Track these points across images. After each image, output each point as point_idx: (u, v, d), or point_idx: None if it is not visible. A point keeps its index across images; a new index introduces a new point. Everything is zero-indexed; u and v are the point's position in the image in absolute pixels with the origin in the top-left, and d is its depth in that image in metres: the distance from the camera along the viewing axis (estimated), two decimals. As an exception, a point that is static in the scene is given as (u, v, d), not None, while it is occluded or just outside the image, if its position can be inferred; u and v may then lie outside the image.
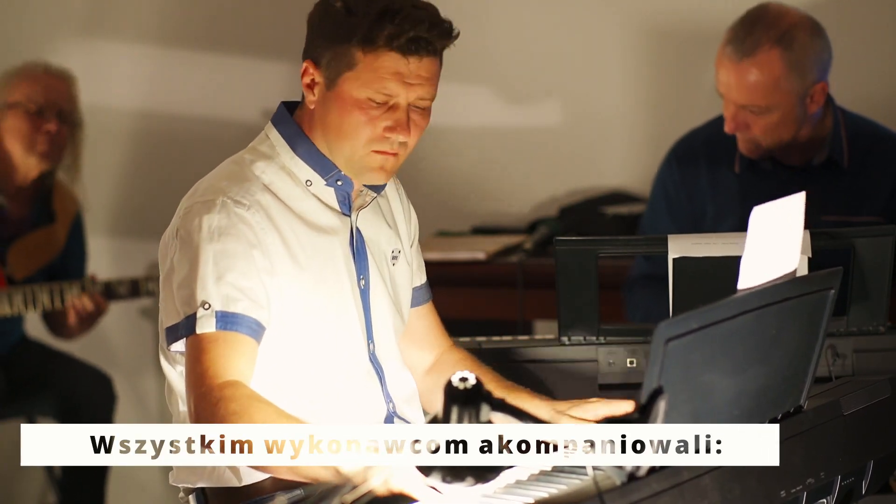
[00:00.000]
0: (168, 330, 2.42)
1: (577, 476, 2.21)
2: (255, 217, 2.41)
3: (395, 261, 2.61)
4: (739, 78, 3.36)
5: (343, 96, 2.41)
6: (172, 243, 2.44)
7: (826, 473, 2.28)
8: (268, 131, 2.53)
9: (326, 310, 2.47)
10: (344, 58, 2.39)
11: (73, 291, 4.26)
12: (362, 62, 2.39)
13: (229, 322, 2.34)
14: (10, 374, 4.33)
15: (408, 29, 2.36)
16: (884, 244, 2.87)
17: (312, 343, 2.45)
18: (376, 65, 2.38)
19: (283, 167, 2.48)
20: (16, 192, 4.36)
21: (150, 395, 5.06)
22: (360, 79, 2.39)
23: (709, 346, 2.03)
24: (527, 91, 4.66)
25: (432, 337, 2.73)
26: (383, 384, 2.55)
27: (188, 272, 2.37)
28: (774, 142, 3.42)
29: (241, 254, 2.37)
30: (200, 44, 4.95)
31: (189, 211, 2.42)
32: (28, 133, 4.29)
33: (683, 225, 3.58)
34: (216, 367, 2.31)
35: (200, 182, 2.49)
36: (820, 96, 3.41)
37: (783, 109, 3.38)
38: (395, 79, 2.39)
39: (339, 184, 2.49)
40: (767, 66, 3.35)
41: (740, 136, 3.44)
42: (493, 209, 4.65)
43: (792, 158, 3.51)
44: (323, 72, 2.42)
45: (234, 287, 2.35)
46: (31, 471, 5.01)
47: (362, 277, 2.52)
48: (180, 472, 2.51)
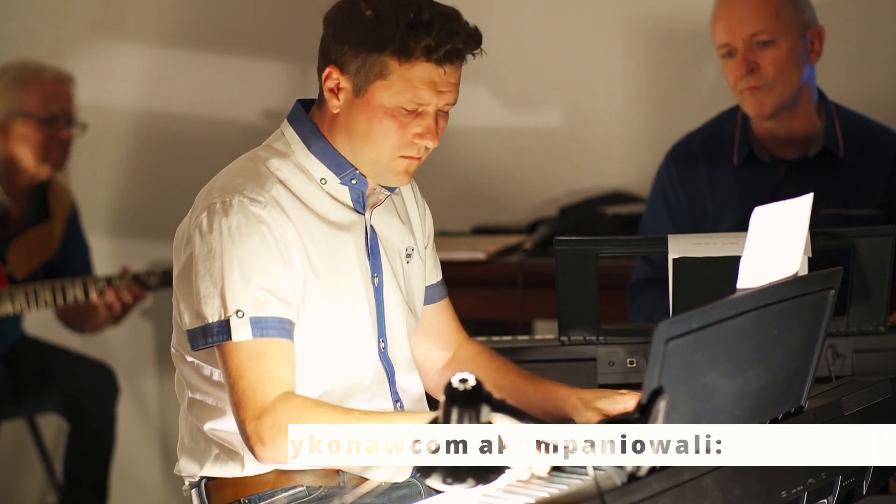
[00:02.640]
0: (193, 333, 2.41)
1: (577, 476, 2.21)
2: (272, 214, 2.41)
3: (409, 259, 2.62)
4: (742, 10, 3.44)
5: (373, 104, 2.41)
6: (190, 243, 2.43)
7: (826, 474, 2.28)
8: (283, 129, 2.53)
9: (340, 306, 2.47)
10: (375, 66, 2.40)
11: (77, 288, 4.26)
12: (396, 72, 2.39)
13: (264, 327, 2.36)
14: (11, 374, 4.33)
15: (445, 41, 2.38)
16: (884, 244, 2.87)
17: (324, 339, 2.45)
18: (410, 75, 2.39)
19: (298, 165, 2.49)
20: (17, 195, 4.37)
21: (151, 394, 5.06)
22: (392, 87, 2.40)
23: (709, 346, 2.03)
24: (527, 91, 4.66)
25: (448, 333, 2.73)
26: (392, 383, 2.55)
27: (214, 277, 2.37)
28: (786, 85, 3.44)
29: (263, 253, 2.38)
30: (201, 44, 4.95)
31: (206, 212, 2.42)
32: (42, 142, 4.31)
33: (683, 227, 3.58)
34: (263, 385, 2.34)
35: (215, 179, 2.49)
36: (818, 44, 3.48)
37: (788, 42, 3.44)
38: (428, 88, 2.40)
39: (354, 182, 2.49)
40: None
41: (748, 91, 3.45)
42: (493, 209, 4.65)
43: (789, 152, 3.53)
44: (351, 78, 2.42)
45: (262, 289, 2.36)
46: (31, 471, 5.01)
47: (376, 275, 2.53)
48: (185, 463, 2.52)
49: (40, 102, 4.32)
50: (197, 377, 2.49)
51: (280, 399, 2.33)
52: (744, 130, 3.56)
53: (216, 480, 2.49)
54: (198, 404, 2.49)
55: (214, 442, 2.48)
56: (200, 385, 2.49)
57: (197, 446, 2.50)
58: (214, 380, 2.46)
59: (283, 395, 2.34)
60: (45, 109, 4.32)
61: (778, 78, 3.44)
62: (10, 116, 4.31)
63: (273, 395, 2.33)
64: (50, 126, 4.32)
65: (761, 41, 3.43)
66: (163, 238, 4.85)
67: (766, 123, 3.50)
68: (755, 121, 3.53)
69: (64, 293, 4.25)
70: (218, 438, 2.47)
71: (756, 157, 3.55)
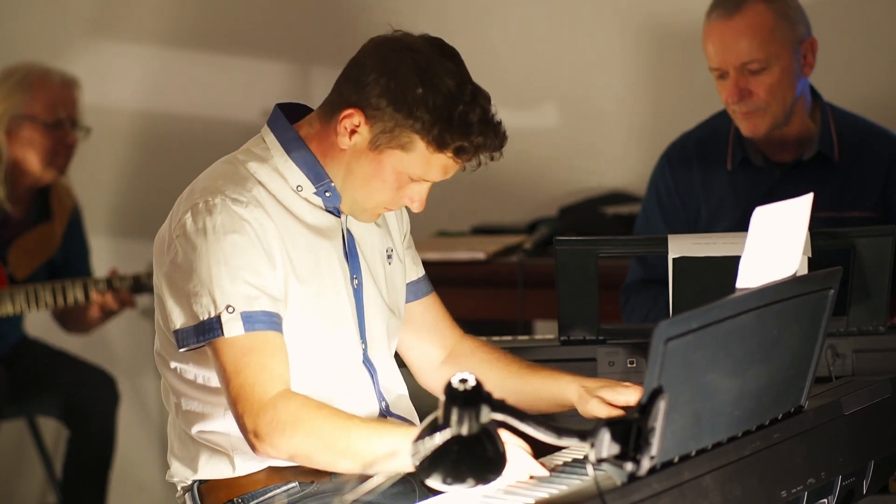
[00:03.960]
0: (182, 332, 2.41)
1: (577, 476, 2.21)
2: (254, 213, 2.41)
3: (390, 259, 2.62)
4: (734, 35, 3.38)
5: (383, 163, 2.43)
6: (172, 246, 2.44)
7: (827, 473, 2.28)
8: (264, 134, 2.53)
9: (322, 307, 2.48)
10: (403, 137, 2.40)
11: (78, 289, 4.26)
12: (420, 152, 2.40)
13: (255, 322, 2.36)
14: (12, 375, 4.33)
15: (477, 150, 2.41)
16: (884, 244, 2.87)
17: (307, 341, 2.46)
18: (432, 160, 2.41)
19: (276, 169, 2.49)
20: (20, 197, 4.37)
21: (150, 394, 5.06)
22: (409, 161, 2.41)
23: (709, 346, 2.03)
24: (527, 91, 4.66)
25: (441, 328, 2.73)
26: (376, 383, 2.56)
27: (201, 276, 2.38)
28: (779, 106, 3.40)
29: (248, 250, 2.39)
30: (201, 44, 4.95)
31: (190, 212, 2.42)
32: (49, 147, 4.30)
33: (677, 229, 3.57)
34: (261, 380, 2.34)
35: (195, 183, 2.49)
36: (811, 57, 3.43)
37: (782, 63, 3.39)
38: (441, 172, 2.44)
39: (328, 195, 2.50)
40: (758, 17, 3.37)
41: (742, 115, 3.43)
42: (493, 209, 4.65)
43: (783, 155, 3.52)
44: (373, 132, 2.41)
45: (250, 285, 2.37)
46: (31, 471, 5.01)
47: (355, 277, 2.54)
48: (176, 468, 2.53)
49: (47, 107, 4.31)
50: (181, 383, 2.50)
51: (280, 396, 2.34)
52: (737, 135, 3.53)
53: (208, 483, 2.50)
54: (184, 409, 2.50)
55: (204, 445, 2.49)
56: (185, 390, 2.50)
57: (186, 451, 2.52)
58: (199, 384, 2.47)
59: (284, 393, 2.35)
60: (52, 114, 4.31)
61: (772, 101, 3.40)
62: (17, 120, 4.30)
63: (272, 391, 2.34)
64: (56, 131, 4.31)
65: (754, 69, 3.38)
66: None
67: (753, 138, 3.49)
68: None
69: (64, 294, 4.25)
70: (207, 441, 2.48)
71: (750, 160, 3.53)
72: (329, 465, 2.35)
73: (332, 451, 2.31)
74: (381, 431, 2.32)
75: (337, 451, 2.31)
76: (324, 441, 2.31)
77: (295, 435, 2.31)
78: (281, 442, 2.32)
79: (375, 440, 2.30)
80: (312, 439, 2.31)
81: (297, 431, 2.31)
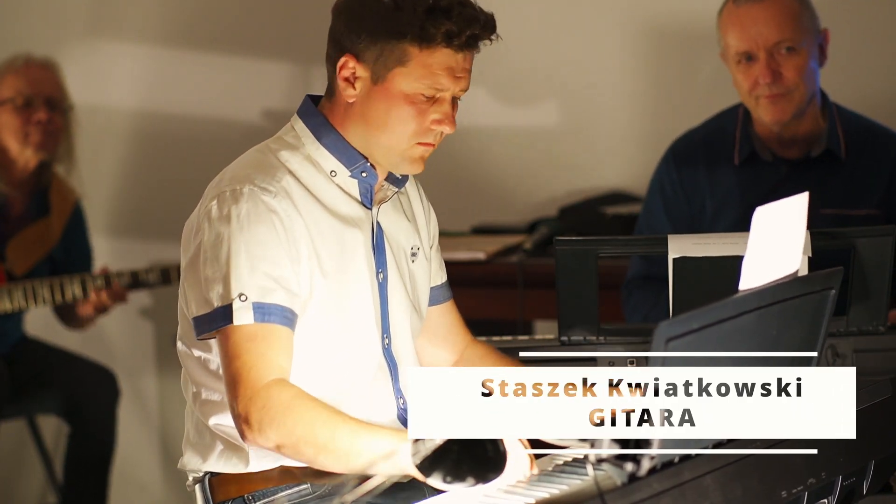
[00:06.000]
0: (198, 320, 2.41)
1: (577, 476, 2.21)
2: (282, 204, 2.41)
3: (415, 258, 2.62)
4: (766, 17, 3.43)
5: (392, 91, 2.43)
6: (199, 231, 2.43)
7: (827, 473, 2.28)
8: (293, 123, 2.54)
9: (345, 300, 2.47)
10: (395, 53, 2.41)
11: (76, 285, 4.27)
12: (416, 58, 2.41)
13: (266, 313, 2.36)
14: (12, 373, 4.34)
15: (465, 27, 2.40)
16: (884, 244, 2.87)
17: (328, 332, 2.46)
18: (430, 60, 2.41)
19: (308, 157, 2.49)
20: (16, 188, 4.38)
21: (150, 394, 5.06)
22: (412, 74, 2.42)
23: (710, 347, 2.03)
24: (526, 91, 4.66)
25: (454, 335, 2.74)
26: (395, 379, 2.55)
27: (220, 263, 2.38)
28: (805, 91, 3.44)
29: (271, 242, 2.38)
30: (200, 44, 4.95)
31: (216, 199, 2.42)
32: (20, 126, 4.35)
33: (680, 224, 3.58)
34: (258, 367, 2.33)
35: (225, 171, 2.50)
36: (826, 48, 3.50)
37: (808, 48, 3.44)
38: (447, 73, 2.42)
39: (364, 175, 2.50)
40: (786, 3, 3.45)
41: (768, 99, 3.44)
42: (493, 209, 4.65)
43: (791, 151, 3.53)
44: (369, 66, 2.43)
45: (268, 277, 2.37)
46: (32, 471, 5.01)
47: (380, 271, 2.53)
48: (189, 457, 2.52)
49: (14, 88, 4.37)
50: (203, 373, 2.49)
51: (274, 384, 2.32)
52: (745, 130, 3.55)
53: (220, 476, 2.49)
54: (203, 399, 2.49)
55: (219, 437, 2.48)
56: (206, 380, 2.49)
57: (202, 441, 2.51)
58: (220, 374, 2.46)
59: (278, 381, 2.33)
60: (20, 94, 4.36)
61: (800, 83, 3.44)
62: None
63: (267, 379, 2.32)
64: (26, 110, 4.35)
65: (786, 48, 3.42)
66: (162, 237, 4.86)
67: (774, 127, 3.49)
68: (766, 124, 3.51)
69: (63, 290, 4.26)
70: (223, 433, 2.47)
71: (758, 155, 3.54)
72: (311, 459, 2.31)
73: (314, 444, 2.28)
74: (368, 432, 2.28)
75: (318, 445, 2.28)
76: (309, 433, 2.28)
77: (283, 424, 2.29)
78: (269, 430, 2.29)
79: (360, 440, 2.26)
80: (299, 430, 2.28)
81: (286, 421, 2.28)
